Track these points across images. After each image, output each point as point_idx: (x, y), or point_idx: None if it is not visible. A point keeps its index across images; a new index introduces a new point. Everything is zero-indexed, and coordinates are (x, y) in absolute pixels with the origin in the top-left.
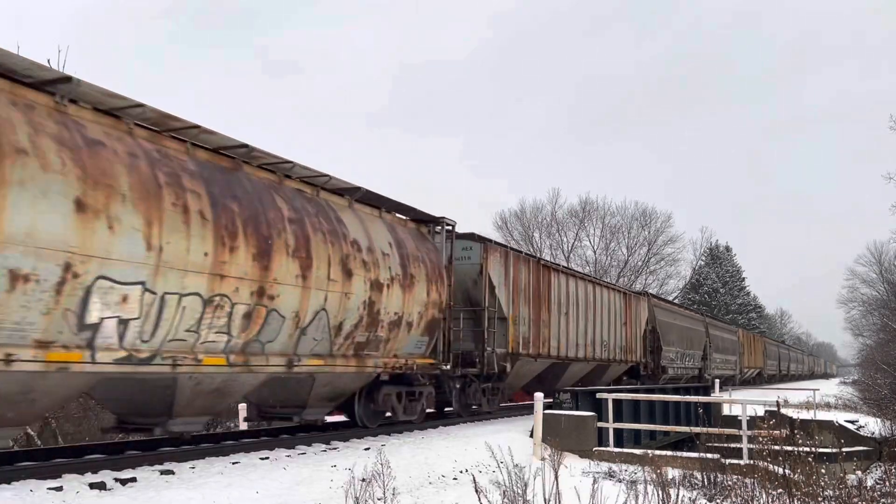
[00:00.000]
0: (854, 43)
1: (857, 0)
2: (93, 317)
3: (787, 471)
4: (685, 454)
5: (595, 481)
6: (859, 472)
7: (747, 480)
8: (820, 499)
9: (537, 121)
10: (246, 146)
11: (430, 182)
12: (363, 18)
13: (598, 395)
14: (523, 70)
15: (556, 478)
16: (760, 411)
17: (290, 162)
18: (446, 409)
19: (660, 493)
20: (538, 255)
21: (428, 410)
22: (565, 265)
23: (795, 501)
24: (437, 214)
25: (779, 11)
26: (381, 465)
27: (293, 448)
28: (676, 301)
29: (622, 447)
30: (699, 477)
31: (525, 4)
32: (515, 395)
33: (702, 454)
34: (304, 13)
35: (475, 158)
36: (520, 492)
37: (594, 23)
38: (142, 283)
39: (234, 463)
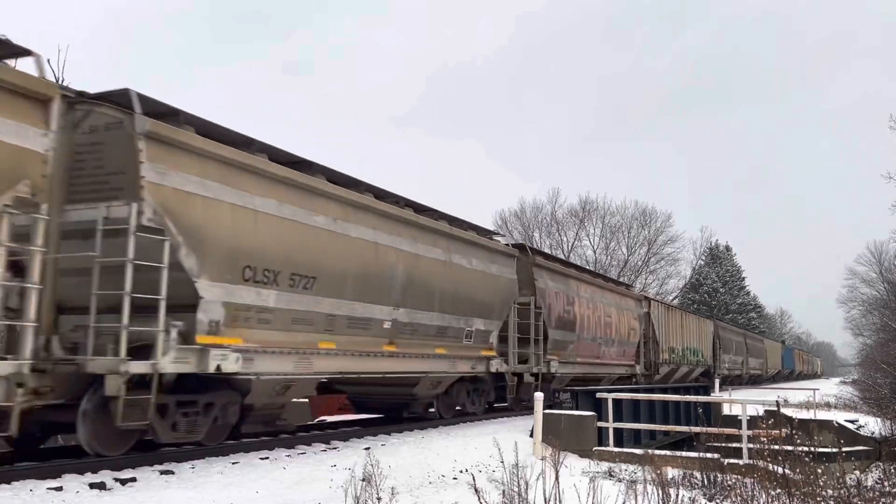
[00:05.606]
0: (875, 44)
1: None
2: None
3: (786, 471)
4: (685, 454)
5: (594, 480)
6: (858, 472)
7: (747, 480)
8: (819, 499)
9: (557, 122)
10: None
11: (451, 181)
12: (388, 19)
13: (598, 395)
14: (546, 71)
15: (557, 477)
16: (760, 411)
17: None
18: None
19: (659, 492)
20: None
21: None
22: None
23: (795, 501)
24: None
25: (794, 13)
26: (372, 465)
27: (293, 448)
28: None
29: (622, 447)
30: (699, 477)
31: (550, 5)
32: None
33: (701, 454)
34: (325, 13)
35: (495, 159)
36: (519, 491)
37: (616, 24)
38: None
39: (233, 463)
